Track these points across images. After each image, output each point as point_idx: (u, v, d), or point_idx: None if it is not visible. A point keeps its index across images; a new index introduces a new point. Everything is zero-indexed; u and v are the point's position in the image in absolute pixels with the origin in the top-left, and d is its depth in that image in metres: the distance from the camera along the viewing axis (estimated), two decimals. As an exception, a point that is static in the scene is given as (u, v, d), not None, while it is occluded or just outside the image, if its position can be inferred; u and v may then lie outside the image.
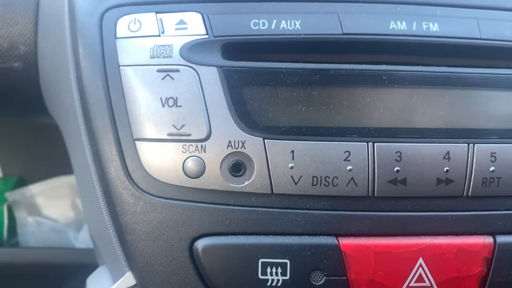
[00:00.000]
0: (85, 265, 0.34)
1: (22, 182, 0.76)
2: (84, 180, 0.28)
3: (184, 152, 0.23)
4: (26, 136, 0.73)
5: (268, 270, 0.23)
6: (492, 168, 0.24)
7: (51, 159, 0.69)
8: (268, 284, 0.23)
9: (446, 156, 0.24)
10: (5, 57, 0.33)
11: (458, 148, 0.24)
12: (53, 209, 0.71)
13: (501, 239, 0.24)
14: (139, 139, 0.24)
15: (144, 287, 0.25)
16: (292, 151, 0.23)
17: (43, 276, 0.54)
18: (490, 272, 0.24)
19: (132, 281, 0.25)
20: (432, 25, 0.25)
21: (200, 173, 0.23)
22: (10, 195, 0.72)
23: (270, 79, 0.24)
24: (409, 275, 0.24)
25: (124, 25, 0.24)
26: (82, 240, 0.67)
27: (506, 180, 0.24)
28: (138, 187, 0.24)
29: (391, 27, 0.24)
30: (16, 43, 0.33)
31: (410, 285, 0.24)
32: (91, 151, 0.25)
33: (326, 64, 0.24)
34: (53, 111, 0.33)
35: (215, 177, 0.23)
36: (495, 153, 0.24)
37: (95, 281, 0.31)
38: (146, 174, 0.24)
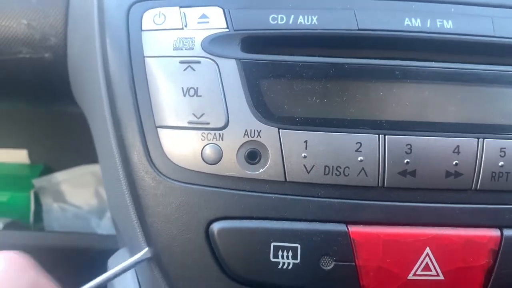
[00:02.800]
0: (107, 250, 0.36)
1: (48, 170, 0.78)
2: (108, 166, 0.29)
3: (203, 140, 0.25)
4: (53, 125, 0.76)
5: (280, 253, 0.24)
6: (501, 163, 0.25)
7: (76, 148, 0.72)
8: (279, 266, 0.24)
9: (456, 150, 0.25)
10: (37, 47, 0.35)
11: (467, 143, 0.25)
12: (77, 196, 0.73)
13: (508, 232, 0.25)
14: (161, 127, 0.25)
15: (161, 267, 0.26)
16: (306, 141, 0.24)
17: (67, 259, 0.56)
18: (496, 264, 0.25)
19: (148, 254, 0.26)
20: (446, 23, 0.25)
21: (218, 160, 0.25)
22: (37, 182, 0.74)
23: (286, 72, 0.25)
24: (416, 263, 0.24)
25: (149, 18, 0.26)
26: (104, 227, 0.69)
27: None
28: (159, 172, 0.25)
29: (405, 24, 0.25)
30: (48, 35, 0.34)
31: (417, 273, 0.24)
32: (115, 138, 0.27)
33: (341, 59, 0.25)
34: (80, 100, 0.35)
35: (232, 164, 0.24)
36: (504, 148, 0.25)
37: (115, 261, 0.32)
38: (167, 160, 0.25)
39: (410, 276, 0.24)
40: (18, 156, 0.79)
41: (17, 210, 0.72)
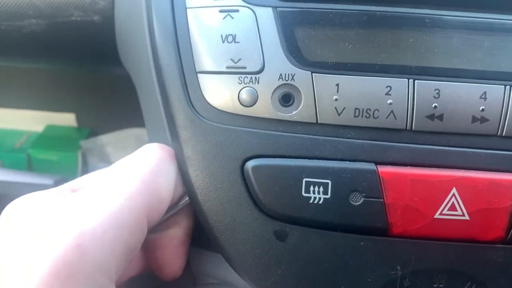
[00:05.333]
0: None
1: (94, 133, 0.82)
2: (153, 119, 0.32)
3: (240, 83, 0.26)
4: (99, 91, 0.79)
5: (311, 188, 0.26)
6: None
7: (120, 113, 0.75)
8: (311, 201, 0.26)
9: (483, 96, 0.25)
10: (87, 11, 0.37)
11: (494, 89, 0.25)
12: (120, 157, 0.77)
13: None
14: (201, 72, 0.27)
15: (197, 205, 0.28)
16: (337, 84, 0.26)
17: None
18: None
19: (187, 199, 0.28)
20: None
21: (253, 102, 0.26)
22: (84, 143, 0.79)
23: (320, 19, 0.26)
24: (442, 203, 0.25)
25: None
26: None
27: None
28: (199, 114, 0.27)
29: None
30: (96, -1, 0.37)
31: (443, 212, 0.26)
32: (158, 85, 0.29)
33: (374, 6, 0.26)
34: (126, 62, 0.37)
35: (267, 106, 0.26)
36: None
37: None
38: (206, 103, 0.27)
39: (437, 215, 0.26)
40: (67, 119, 0.84)
41: (66, 168, 0.76)
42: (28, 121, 0.81)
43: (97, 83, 0.78)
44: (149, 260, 0.29)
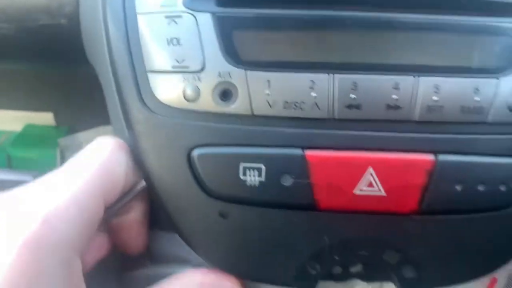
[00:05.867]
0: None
1: (73, 130, 0.85)
2: (113, 115, 0.35)
3: (184, 81, 0.30)
4: (76, 90, 0.82)
5: (247, 172, 0.29)
6: (435, 98, 0.29)
7: (97, 111, 0.77)
8: (247, 183, 0.29)
9: (395, 86, 0.29)
10: (54, 15, 0.40)
11: (405, 80, 0.29)
12: (98, 154, 0.80)
13: (441, 157, 0.29)
14: (150, 71, 0.30)
15: (153, 190, 0.31)
16: (268, 81, 0.29)
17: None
18: (431, 182, 0.29)
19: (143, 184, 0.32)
20: None
21: (196, 97, 0.30)
22: (62, 141, 0.81)
23: (253, 23, 0.30)
24: (360, 180, 0.29)
25: None
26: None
27: (448, 108, 0.29)
28: (150, 109, 0.30)
29: None
30: (63, 4, 0.40)
31: (361, 189, 0.29)
32: (114, 85, 0.32)
33: (301, 11, 0.30)
34: (93, 62, 0.40)
35: (208, 101, 0.30)
36: (438, 85, 0.29)
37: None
38: (156, 99, 0.30)
39: (356, 192, 0.29)
40: (46, 118, 0.86)
41: (45, 166, 0.79)
42: (7, 121, 0.83)
43: (74, 82, 0.80)
44: (116, 242, 0.33)
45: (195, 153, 0.30)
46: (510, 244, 0.32)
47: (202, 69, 0.29)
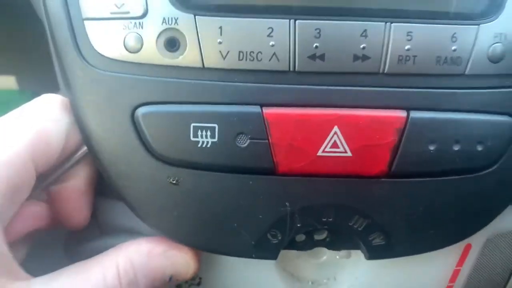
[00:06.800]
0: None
1: (36, 95, 0.80)
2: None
3: (124, 29, 0.26)
4: (38, 52, 0.77)
5: (199, 133, 0.26)
6: (407, 47, 0.26)
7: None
8: (199, 145, 0.26)
9: (363, 34, 0.26)
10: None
11: (375, 26, 0.26)
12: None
13: (414, 114, 0.26)
14: (87, 19, 0.26)
15: (93, 154, 0.28)
16: (220, 27, 0.26)
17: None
18: (402, 142, 0.27)
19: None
20: None
21: (139, 48, 0.26)
22: (25, 106, 0.77)
23: None
24: (324, 141, 0.26)
25: None
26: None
27: (421, 58, 0.26)
28: (87, 62, 0.27)
29: None
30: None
31: (325, 150, 0.26)
32: (50, 36, 0.28)
33: None
34: (40, 14, 0.36)
35: (152, 52, 0.26)
36: (411, 32, 0.26)
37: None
38: (94, 50, 0.27)
39: (320, 153, 0.26)
40: (7, 82, 0.81)
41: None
42: (-36, 85, 0.78)
43: (36, 44, 0.75)
44: (55, 212, 0.30)
45: (140, 112, 0.26)
46: (485, 209, 0.30)
47: (145, 14, 0.26)
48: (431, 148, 0.27)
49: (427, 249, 0.30)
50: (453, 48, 0.26)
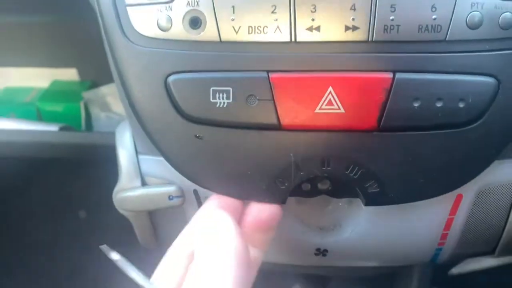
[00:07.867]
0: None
1: (95, 85, 0.90)
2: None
3: (157, 12, 0.32)
4: (96, 44, 0.85)
5: (217, 95, 0.32)
6: (392, 17, 0.30)
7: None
8: (217, 105, 0.32)
9: (352, 7, 0.30)
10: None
11: (362, 1, 0.30)
12: (120, 106, 0.84)
13: (399, 75, 0.31)
14: (129, 5, 0.33)
15: (136, 116, 0.34)
16: (233, 6, 0.31)
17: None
18: (389, 100, 0.31)
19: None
20: None
21: (169, 27, 0.32)
22: (86, 94, 0.86)
23: None
24: (321, 99, 0.31)
25: None
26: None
27: (405, 27, 0.30)
28: (130, 40, 0.33)
29: None
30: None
31: (322, 107, 0.31)
32: (101, 22, 0.35)
33: None
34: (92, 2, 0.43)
35: (179, 30, 0.32)
36: (395, 4, 0.30)
37: (121, 130, 0.42)
38: (134, 30, 0.33)
39: (317, 110, 0.31)
40: (69, 74, 0.91)
41: (70, 118, 0.84)
42: (33, 77, 0.89)
43: (94, 39, 0.84)
44: None
45: (171, 79, 0.32)
46: (472, 162, 0.33)
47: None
48: (416, 105, 0.31)
49: (419, 197, 0.34)
50: (433, 17, 0.30)
